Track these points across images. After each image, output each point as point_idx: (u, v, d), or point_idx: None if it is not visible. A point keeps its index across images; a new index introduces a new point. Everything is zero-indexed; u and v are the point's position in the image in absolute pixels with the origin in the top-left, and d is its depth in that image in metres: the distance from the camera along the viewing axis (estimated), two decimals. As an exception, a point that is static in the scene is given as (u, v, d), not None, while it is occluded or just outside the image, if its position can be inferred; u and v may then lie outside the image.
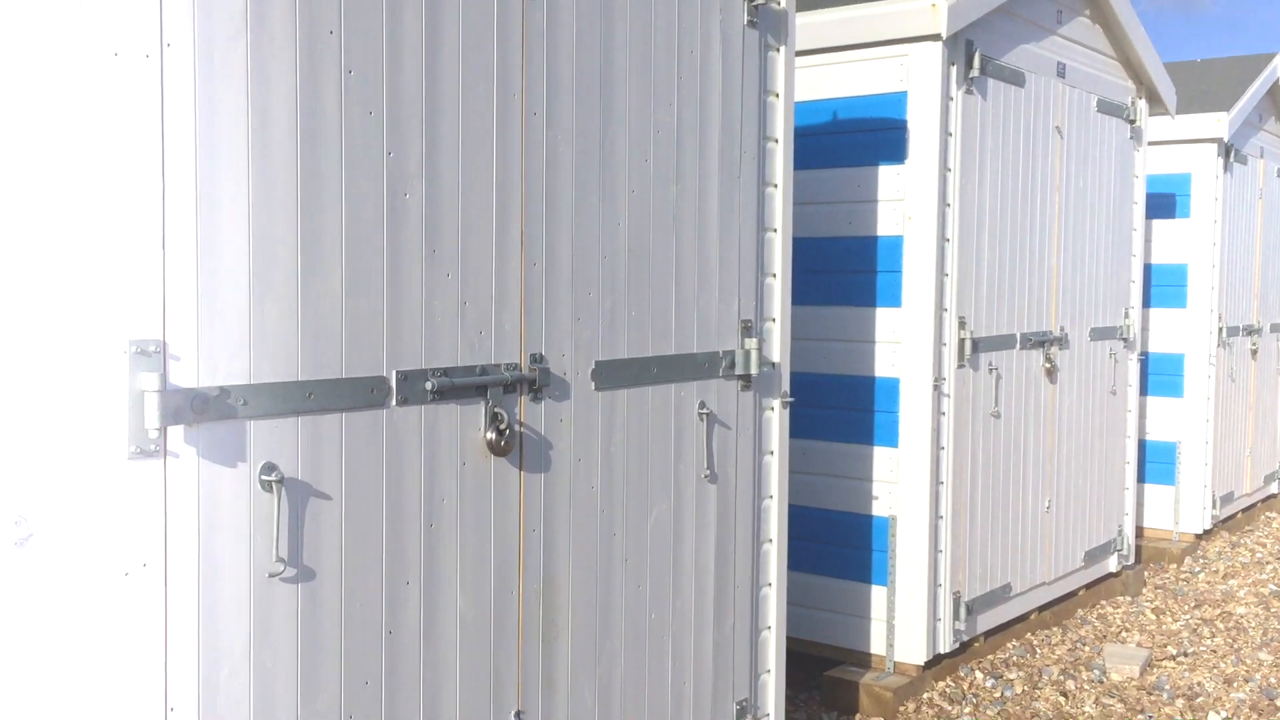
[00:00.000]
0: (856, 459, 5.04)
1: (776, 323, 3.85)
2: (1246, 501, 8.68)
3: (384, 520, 2.59)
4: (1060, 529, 5.93)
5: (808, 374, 5.15)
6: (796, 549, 5.19)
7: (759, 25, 3.64)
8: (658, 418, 3.37)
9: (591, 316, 3.11)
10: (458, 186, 2.71)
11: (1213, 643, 5.87)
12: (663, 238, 3.33)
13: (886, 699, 4.73)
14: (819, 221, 5.08)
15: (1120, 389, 6.46)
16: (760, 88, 3.69)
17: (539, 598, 2.99)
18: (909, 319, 4.87)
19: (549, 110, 2.93)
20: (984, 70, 4.99)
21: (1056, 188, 5.69)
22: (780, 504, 3.89)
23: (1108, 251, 6.23)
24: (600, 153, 3.10)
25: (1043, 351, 5.65)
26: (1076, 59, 5.80)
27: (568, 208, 3.01)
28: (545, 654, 3.02)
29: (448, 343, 2.71)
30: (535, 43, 2.89)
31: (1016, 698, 4.98)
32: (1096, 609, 6.33)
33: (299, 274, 2.40)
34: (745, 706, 3.75)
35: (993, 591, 5.36)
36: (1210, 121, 7.43)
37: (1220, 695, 5.13)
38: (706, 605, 3.59)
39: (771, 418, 3.86)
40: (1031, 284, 5.53)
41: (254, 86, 2.31)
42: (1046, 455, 5.77)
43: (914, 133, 4.81)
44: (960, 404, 5.03)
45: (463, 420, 2.76)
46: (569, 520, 3.08)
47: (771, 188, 3.79)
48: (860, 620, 5.05)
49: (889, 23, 4.75)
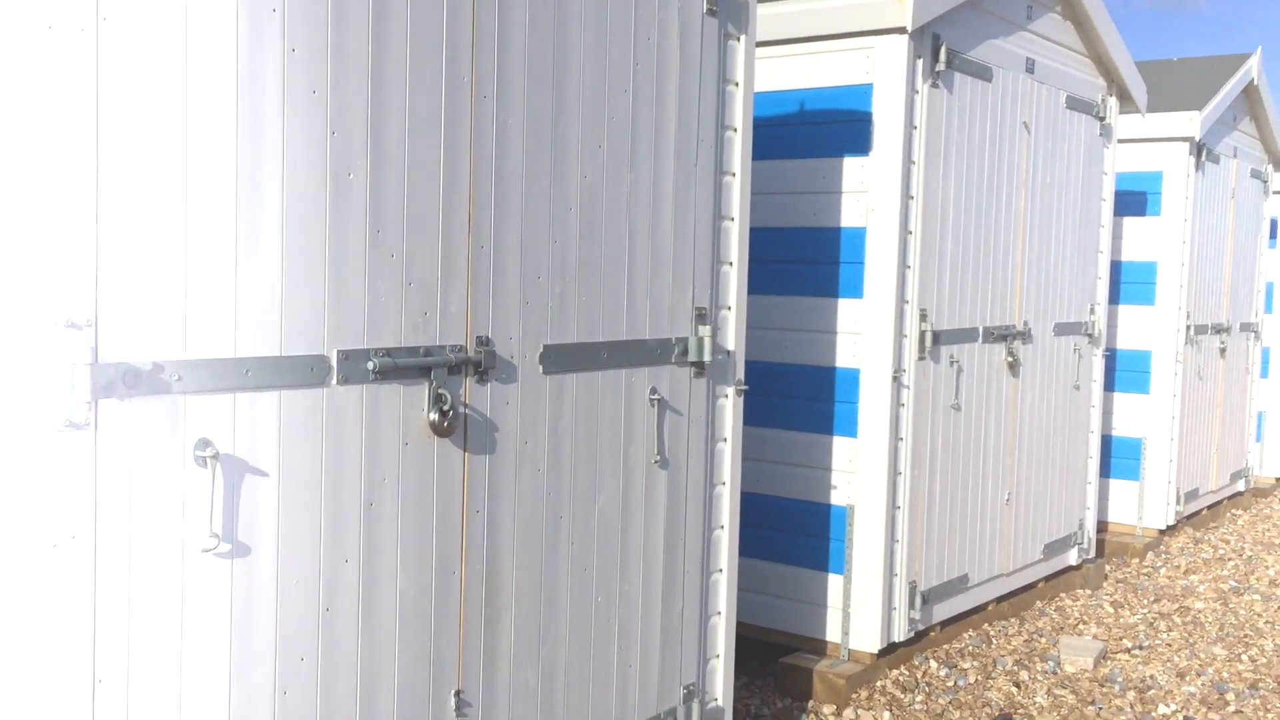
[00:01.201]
0: (816, 448, 5.07)
1: (732, 311, 3.87)
2: (1212, 499, 8.76)
3: (322, 499, 2.61)
4: (1020, 521, 5.98)
5: (769, 363, 5.17)
6: (755, 537, 5.22)
7: (719, 14, 3.65)
8: (607, 403, 3.39)
9: (540, 300, 3.13)
10: (403, 167, 2.72)
11: (1168, 637, 5.93)
12: (616, 223, 3.35)
13: (839, 686, 4.77)
14: (784, 212, 5.11)
15: (1084, 384, 6.51)
16: (719, 76, 3.70)
17: (482, 579, 3.01)
18: (870, 310, 4.90)
19: (499, 93, 2.94)
20: (950, 64, 5.01)
21: (1023, 183, 5.72)
22: (733, 491, 3.92)
23: (1074, 247, 6.27)
24: (552, 137, 3.11)
25: (1005, 345, 5.69)
26: (1046, 55, 5.82)
27: (517, 191, 3.02)
28: (488, 635, 3.04)
29: (391, 323, 2.73)
30: (486, 26, 2.89)
31: (969, 687, 5.03)
32: (1055, 601, 6.39)
33: (237, 250, 2.41)
34: (693, 690, 3.78)
35: (950, 582, 5.40)
36: (1182, 120, 7.47)
37: (1172, 688, 5.18)
38: (654, 590, 3.61)
39: (725, 405, 3.88)
40: (995, 278, 5.56)
41: (193, 63, 2.31)
42: (1007, 448, 5.81)
43: (879, 125, 4.83)
44: (920, 396, 5.07)
45: (406, 401, 2.77)
46: (514, 502, 3.10)
47: (729, 176, 3.81)
48: (817, 608, 5.09)
49: (855, 15, 4.77)
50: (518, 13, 2.98)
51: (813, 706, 4.77)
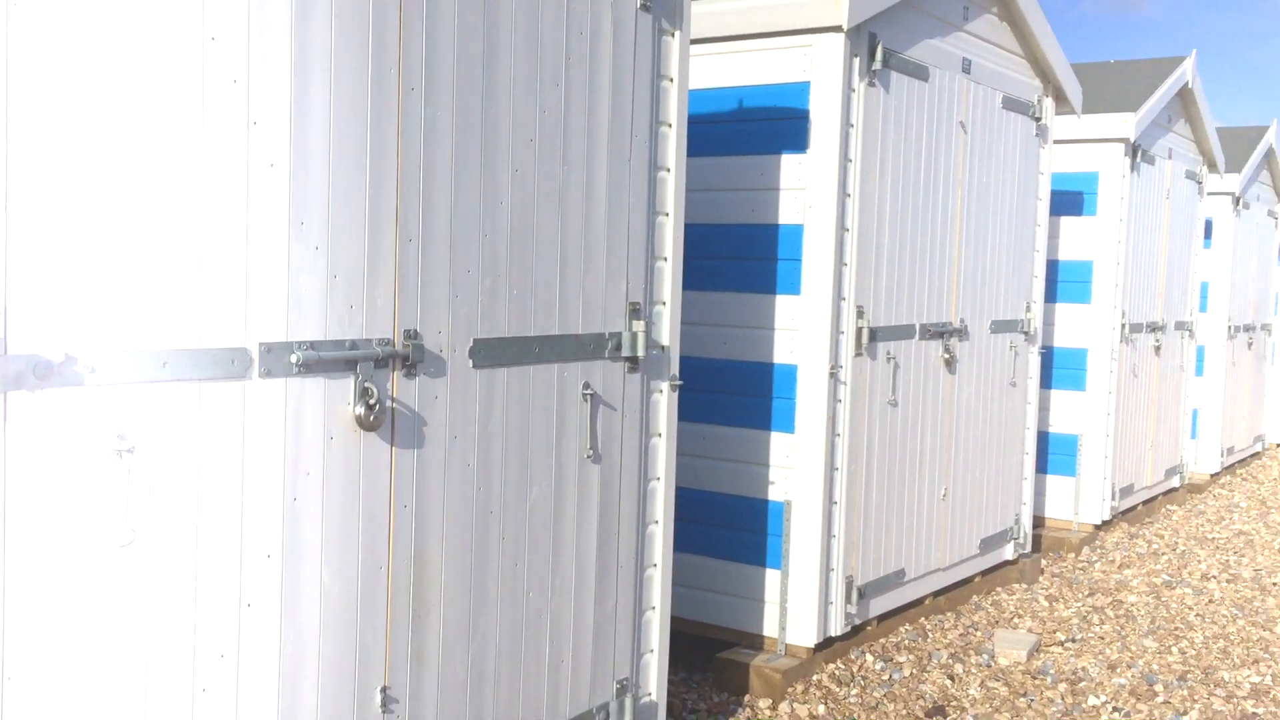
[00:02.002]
0: (753, 444, 5.09)
1: (667, 306, 3.88)
2: (1147, 494, 8.91)
3: (243, 493, 2.58)
4: (956, 517, 6.05)
5: (708, 359, 5.19)
6: (693, 532, 5.24)
7: (653, 9, 3.66)
8: (539, 397, 3.38)
9: (470, 294, 3.12)
10: (328, 160, 2.70)
11: (1101, 630, 6.03)
12: (548, 218, 3.34)
13: (775, 680, 4.80)
14: (722, 208, 5.12)
15: (1020, 381, 6.60)
16: (653, 72, 3.70)
17: (409, 574, 3.00)
18: (807, 307, 4.93)
19: (428, 86, 2.93)
20: (887, 63, 5.06)
21: (959, 182, 5.78)
22: (667, 486, 3.93)
23: (1010, 246, 6.35)
24: (482, 131, 3.10)
25: (942, 342, 5.75)
26: (983, 55, 5.89)
27: (446, 185, 3.00)
28: (415, 630, 3.02)
29: (315, 316, 2.70)
30: (413, 18, 2.88)
31: (904, 680, 5.08)
32: (991, 595, 6.47)
33: (154, 241, 2.37)
34: (625, 685, 3.79)
35: (886, 576, 5.45)
36: (1118, 121, 7.59)
37: (1102, 680, 5.27)
38: (587, 585, 3.61)
39: (660, 400, 3.89)
40: (932, 276, 5.62)
41: (110, 51, 2.28)
42: (944, 444, 5.87)
43: (816, 123, 4.86)
44: (857, 392, 5.11)
45: (331, 395, 2.75)
46: (443, 497, 3.08)
47: (664, 172, 3.81)
48: (754, 603, 5.11)
49: (792, 13, 4.80)
50: (446, 4, 2.96)
51: (749, 701, 4.79)
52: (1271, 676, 5.40)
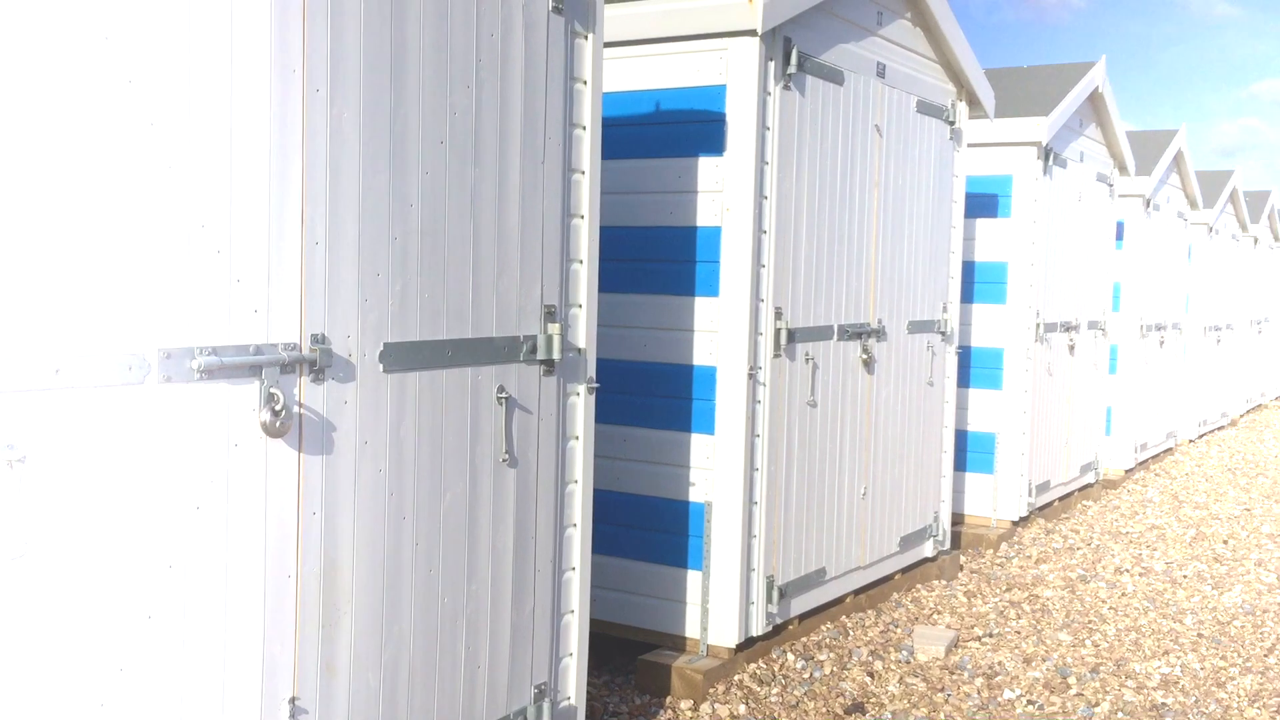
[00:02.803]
0: (674, 446, 5.11)
1: (583, 309, 3.87)
2: (1063, 490, 9.10)
3: (142, 502, 2.52)
4: (876, 515, 6.12)
5: (628, 361, 5.19)
6: (614, 534, 5.24)
7: (565, 12, 3.65)
8: (453, 401, 3.35)
9: (380, 297, 3.08)
10: (229, 161, 2.65)
11: (1018, 624, 6.14)
12: (460, 220, 3.32)
13: (696, 681, 4.81)
14: (641, 211, 5.13)
15: (938, 381, 6.70)
16: (566, 74, 3.70)
17: (319, 582, 2.95)
18: (726, 309, 4.96)
19: (333, 88, 2.89)
20: (802, 67, 5.11)
21: (876, 184, 5.85)
22: (585, 489, 3.92)
23: (927, 248, 6.44)
24: (391, 132, 3.07)
25: (860, 343, 5.82)
26: (897, 60, 5.98)
27: (353, 187, 2.97)
28: (325, 639, 2.98)
29: (218, 320, 2.65)
30: (318, 19, 2.84)
31: (824, 678, 5.13)
32: (912, 592, 6.56)
33: (47, 243, 2.31)
34: (544, 689, 3.77)
35: (807, 575, 5.50)
36: (1030, 125, 7.74)
37: (1018, 673, 5.36)
38: (504, 589, 3.59)
39: (577, 403, 3.88)
40: (850, 277, 5.68)
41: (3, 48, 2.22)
42: (863, 444, 5.94)
43: (732, 126, 4.89)
44: (776, 393, 5.15)
45: (235, 401, 2.70)
46: (353, 504, 3.04)
47: (579, 174, 3.81)
48: (676, 604, 5.13)
49: (707, 17, 4.82)
50: (351, 5, 2.93)
51: (670, 702, 4.80)
52: (1181, 667, 5.54)
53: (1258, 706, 5.05)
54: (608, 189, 5.14)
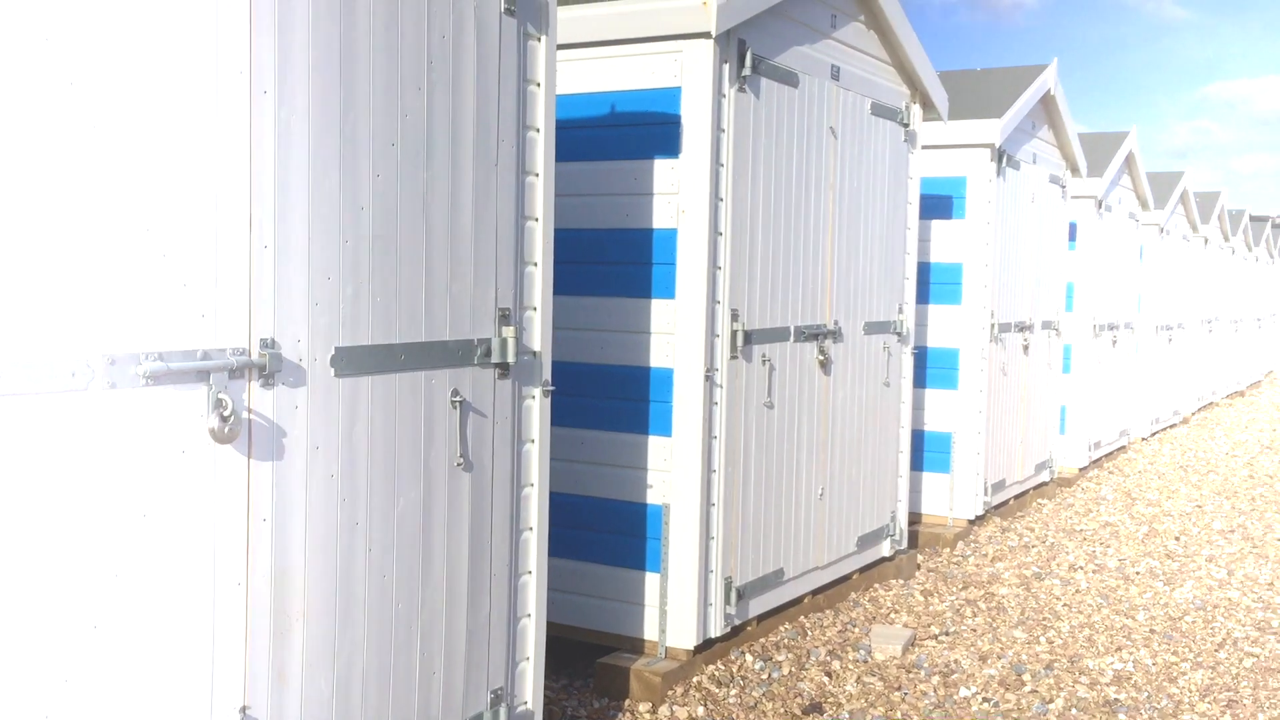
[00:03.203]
0: (631, 448, 5.10)
1: (538, 311, 3.86)
2: (1019, 489, 9.19)
3: (87, 510, 2.48)
4: (833, 515, 6.15)
5: (584, 364, 5.18)
6: (572, 537, 5.22)
7: (517, 14, 3.63)
8: (406, 406, 3.33)
9: (331, 301, 3.05)
10: (174, 163, 2.61)
11: (973, 622, 6.19)
12: (412, 223, 3.30)
13: (655, 684, 4.81)
14: (596, 213, 5.12)
15: (894, 381, 6.74)
16: (520, 76, 3.68)
17: (269, 589, 2.92)
18: (682, 310, 4.96)
19: (280, 89, 2.86)
20: (756, 69, 5.12)
21: (831, 186, 5.88)
22: (541, 492, 3.90)
23: (882, 249, 6.48)
24: (341, 135, 3.04)
25: (816, 344, 5.84)
26: (851, 62, 6.01)
27: (302, 190, 2.94)
28: (276, 647, 2.94)
29: (164, 325, 2.61)
30: (265, 20, 2.81)
31: (783, 679, 5.14)
32: (869, 592, 6.59)
33: (-15, 250, 2.27)
34: (500, 695, 3.75)
35: (765, 576, 5.51)
36: (983, 127, 7.81)
37: (974, 671, 5.40)
38: (459, 594, 3.57)
39: (532, 406, 3.86)
40: (806, 279, 5.70)
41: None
42: (820, 444, 5.96)
43: (687, 128, 4.89)
44: (733, 394, 5.16)
45: (182, 406, 2.66)
46: (305, 510, 3.01)
47: (532, 177, 3.79)
48: (635, 607, 5.12)
49: (662, 19, 4.82)
50: (299, 5, 2.90)
51: (629, 705, 4.79)
52: (1133, 663, 5.60)
53: (1209, 701, 5.12)
54: (563, 191, 5.13)
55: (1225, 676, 5.45)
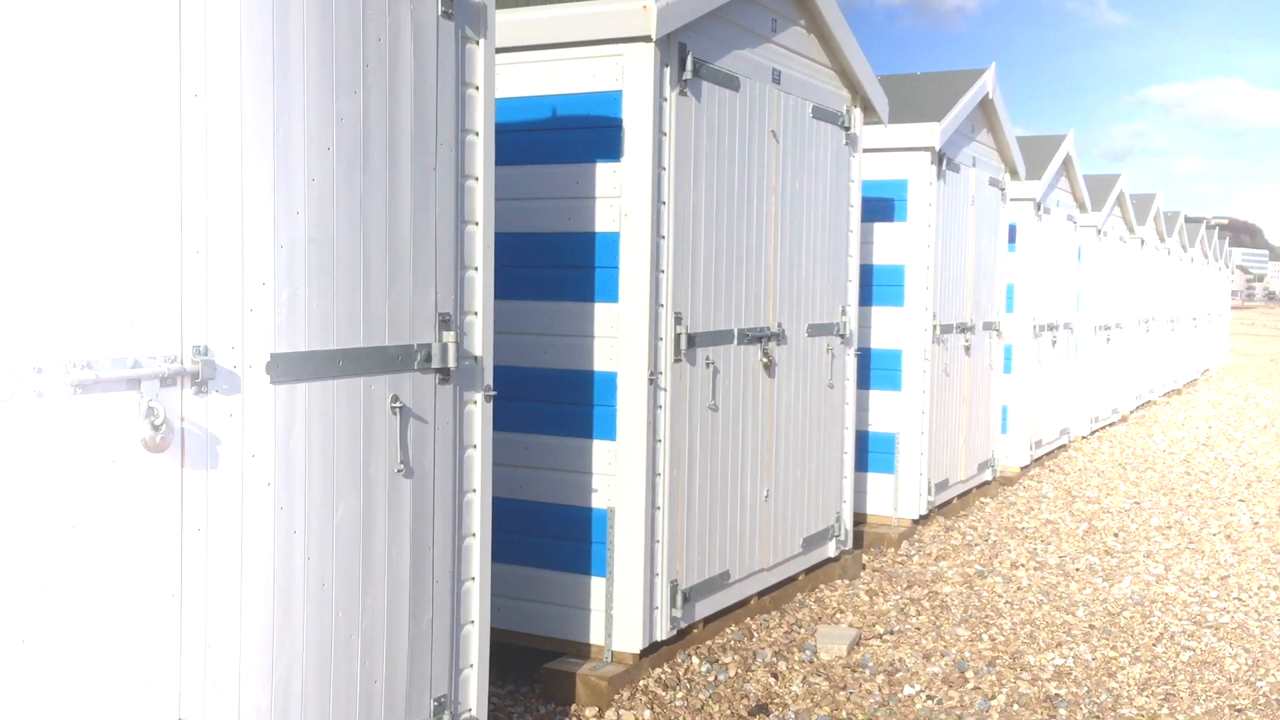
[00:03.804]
0: (576, 452, 5.09)
1: (479, 316, 3.84)
2: (961, 488, 9.29)
3: (15, 522, 2.42)
4: (779, 517, 6.18)
5: (528, 368, 5.16)
6: (517, 543, 5.20)
7: (455, 17, 3.61)
8: (344, 412, 3.29)
9: (266, 307, 3.01)
10: (101, 167, 2.56)
11: (918, 621, 6.24)
12: (348, 227, 3.26)
13: (602, 688, 4.80)
14: (539, 217, 5.11)
15: (838, 383, 6.79)
16: (458, 80, 3.66)
17: (204, 600, 2.87)
18: (626, 314, 4.96)
19: (211, 92, 2.82)
20: (698, 73, 5.13)
21: (773, 189, 5.91)
22: (483, 498, 3.88)
23: (825, 252, 6.53)
24: (274, 139, 3.00)
25: (760, 347, 5.87)
26: (792, 66, 6.04)
27: (234, 194, 2.90)
28: (212, 658, 2.90)
29: (93, 333, 2.56)
30: (195, 22, 2.76)
31: (729, 680, 5.15)
32: (815, 593, 6.63)
33: (-97, 257, 2.21)
34: (444, 703, 3.72)
35: (711, 579, 5.52)
36: (923, 131, 7.90)
37: (918, 669, 5.45)
38: (401, 602, 3.54)
39: (474, 411, 3.84)
40: (749, 282, 5.73)
41: None
42: (765, 446, 5.99)
43: (629, 131, 4.89)
44: (677, 397, 5.16)
45: (112, 416, 2.61)
46: (240, 519, 2.96)
47: (472, 180, 3.77)
48: (580, 612, 5.11)
49: (603, 22, 4.82)
50: (230, 8, 2.86)
51: (575, 710, 4.78)
52: (1073, 658, 5.68)
53: (1146, 695, 5.20)
54: (506, 195, 5.11)
55: (1162, 670, 5.55)
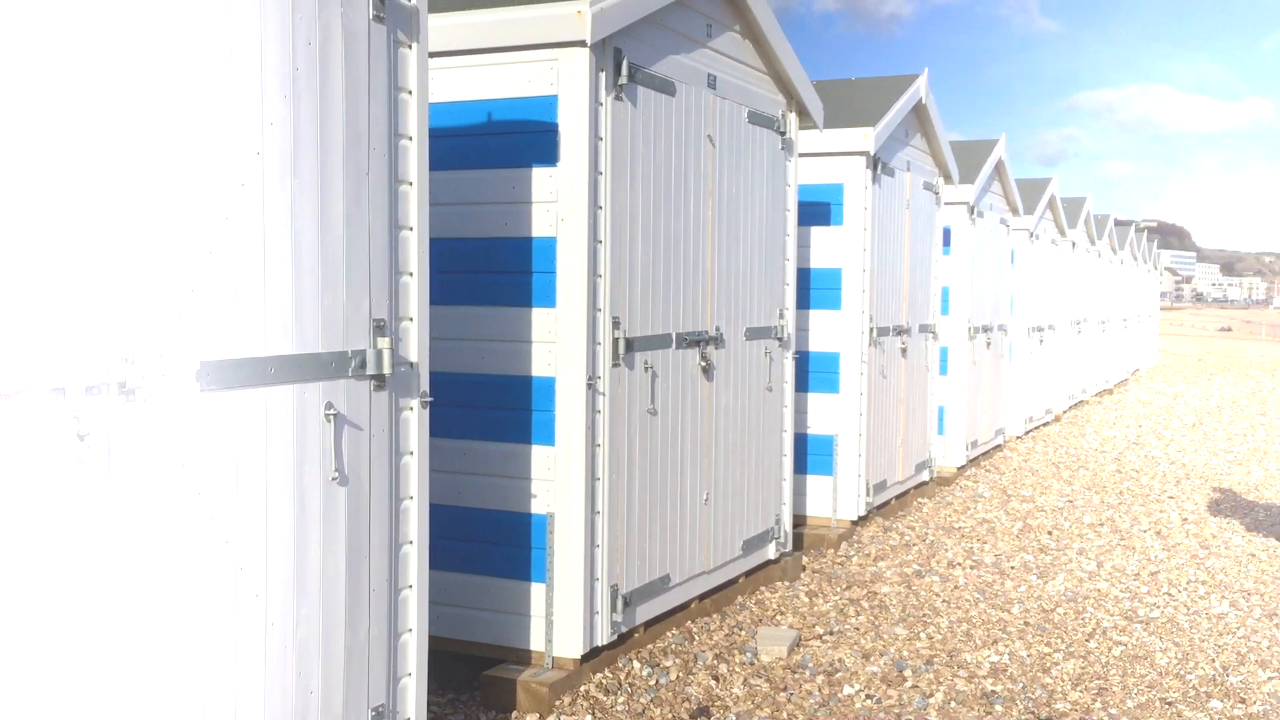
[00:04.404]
0: (515, 458, 5.07)
1: (414, 322, 3.81)
2: (899, 489, 9.39)
3: (-68, 537, 2.36)
4: (719, 520, 6.20)
5: (466, 374, 5.14)
6: (456, 550, 5.17)
7: (387, 21, 3.59)
8: (277, 420, 3.25)
9: (195, 314, 2.96)
10: (21, 168, 2.51)
11: (857, 621, 6.30)
12: (279, 233, 3.22)
13: (542, 694, 4.78)
14: (475, 222, 5.09)
15: (776, 386, 6.83)
16: (390, 84, 3.64)
17: (133, 613, 2.82)
18: (563, 319, 4.95)
19: (136, 95, 2.77)
20: (633, 78, 5.15)
21: (710, 194, 5.94)
22: (420, 505, 3.85)
23: (762, 256, 6.57)
24: (201, 143, 2.96)
25: (699, 350, 5.89)
26: (727, 72, 6.08)
27: (160, 199, 2.85)
28: (141, 672, 2.84)
29: (16, 341, 2.51)
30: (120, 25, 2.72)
31: (670, 684, 5.16)
32: (755, 595, 6.66)
33: None
34: (382, 712, 3.69)
35: (652, 583, 5.53)
36: (858, 136, 7.98)
37: (857, 669, 5.50)
38: (336, 611, 3.50)
39: (410, 418, 3.81)
40: (687, 286, 5.75)
41: None
42: (704, 450, 6.01)
43: (565, 136, 4.89)
44: (616, 402, 5.16)
45: (35, 427, 2.56)
46: (171, 531, 2.91)
47: (406, 185, 3.75)
48: (521, 618, 5.09)
49: (538, 27, 4.82)
50: (157, 11, 2.81)
51: (516, 717, 4.76)
52: (1009, 655, 5.77)
53: (1080, 690, 5.30)
54: (442, 200, 5.08)
55: (1095, 665, 5.65)
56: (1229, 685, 5.38)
